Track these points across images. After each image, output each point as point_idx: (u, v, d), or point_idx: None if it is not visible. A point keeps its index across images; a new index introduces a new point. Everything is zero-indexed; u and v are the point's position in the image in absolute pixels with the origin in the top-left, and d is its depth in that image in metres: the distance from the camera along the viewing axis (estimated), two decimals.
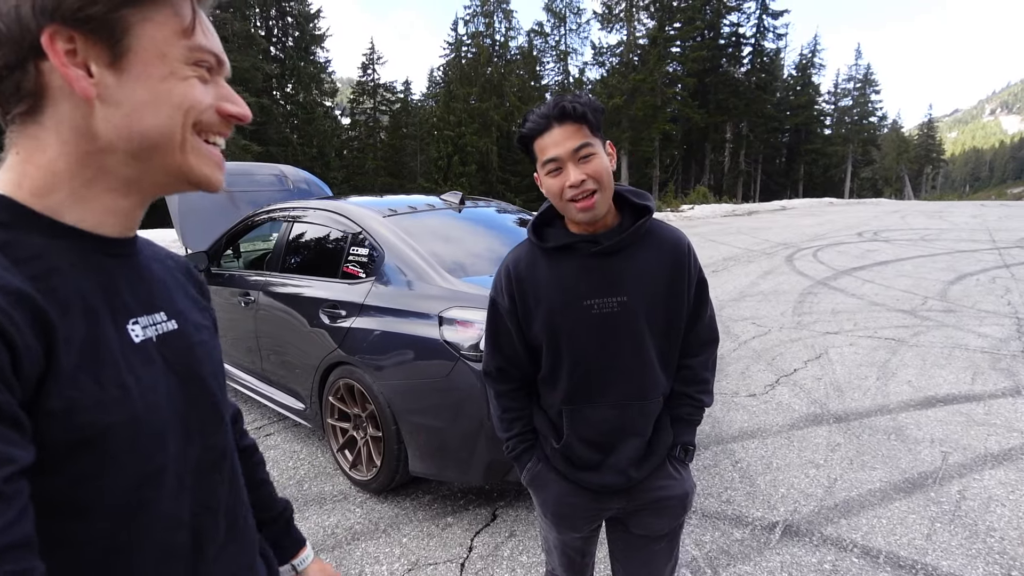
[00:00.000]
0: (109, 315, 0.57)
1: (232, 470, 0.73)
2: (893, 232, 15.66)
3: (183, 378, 0.65)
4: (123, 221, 0.62)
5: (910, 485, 2.81)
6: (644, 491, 1.32)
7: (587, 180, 1.15)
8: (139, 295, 0.63)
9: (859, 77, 56.64)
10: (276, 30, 35.63)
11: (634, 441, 1.28)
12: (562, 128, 1.15)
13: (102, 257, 0.60)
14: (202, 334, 0.72)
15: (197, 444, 0.65)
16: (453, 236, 3.11)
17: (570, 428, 1.28)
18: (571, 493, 1.33)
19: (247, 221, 3.91)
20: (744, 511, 2.62)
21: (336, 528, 2.52)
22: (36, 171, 0.56)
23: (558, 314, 1.23)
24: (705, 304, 1.33)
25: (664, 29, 39.64)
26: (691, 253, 1.29)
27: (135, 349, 0.59)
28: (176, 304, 0.69)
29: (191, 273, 0.81)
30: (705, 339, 1.35)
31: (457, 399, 2.37)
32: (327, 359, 2.85)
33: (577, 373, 1.26)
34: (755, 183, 48.95)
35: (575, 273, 1.23)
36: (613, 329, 1.23)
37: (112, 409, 0.53)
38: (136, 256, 0.66)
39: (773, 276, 8.81)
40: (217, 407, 0.70)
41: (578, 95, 1.19)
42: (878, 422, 3.53)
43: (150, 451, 0.57)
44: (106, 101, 0.55)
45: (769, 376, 4.38)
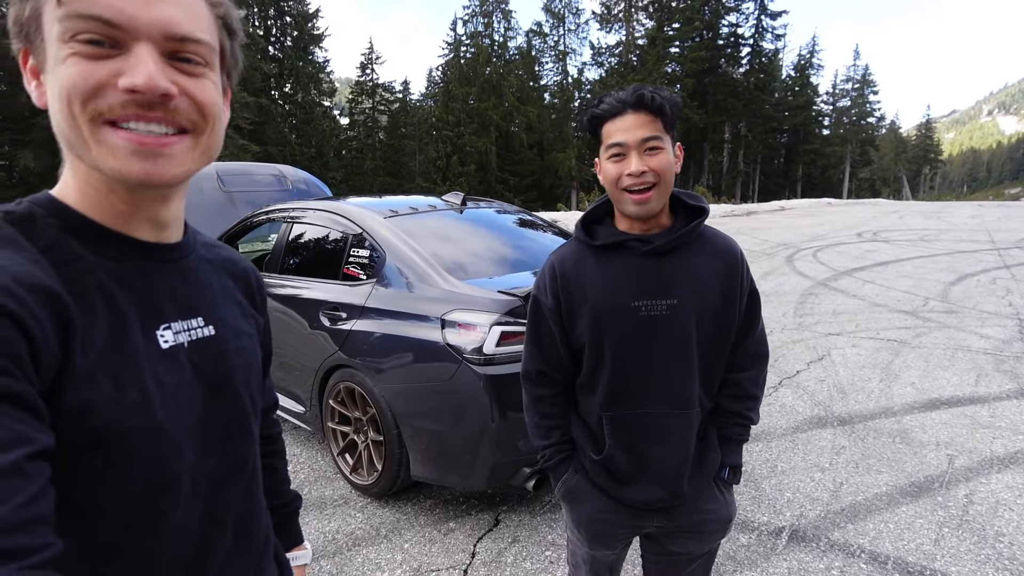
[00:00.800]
0: (138, 320, 0.58)
1: (250, 480, 0.72)
2: (892, 232, 15.66)
3: (211, 386, 0.64)
4: (144, 225, 0.61)
5: (917, 489, 2.78)
6: (687, 512, 1.26)
7: (648, 173, 1.11)
8: (178, 300, 0.63)
9: (857, 78, 56.77)
10: (275, 30, 35.59)
11: (677, 453, 1.22)
12: (636, 116, 1.12)
13: (143, 262, 0.60)
14: (241, 340, 0.71)
15: (216, 454, 0.65)
16: (455, 237, 3.07)
17: (611, 436, 1.22)
18: (609, 509, 1.27)
19: (246, 222, 3.87)
20: (750, 516, 2.59)
21: (337, 534, 2.49)
22: (68, 174, 0.59)
23: (604, 314, 1.18)
24: (757, 317, 1.28)
25: (663, 29, 39.70)
26: (744, 262, 1.24)
27: (162, 355, 0.59)
28: (217, 310, 0.68)
29: (246, 278, 0.79)
30: (755, 353, 1.29)
31: (460, 403, 2.34)
32: (327, 362, 2.81)
33: (619, 378, 1.20)
34: (754, 183, 49.01)
35: (624, 273, 1.18)
36: (660, 333, 1.17)
37: (130, 413, 0.53)
38: (183, 260, 0.66)
39: (773, 277, 8.79)
40: (244, 417, 0.69)
41: (659, 88, 1.14)
42: (883, 425, 3.50)
43: (166, 459, 0.57)
44: (48, 103, 0.54)
45: (772, 378, 4.35)
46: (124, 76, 0.51)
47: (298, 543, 0.96)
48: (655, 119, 1.12)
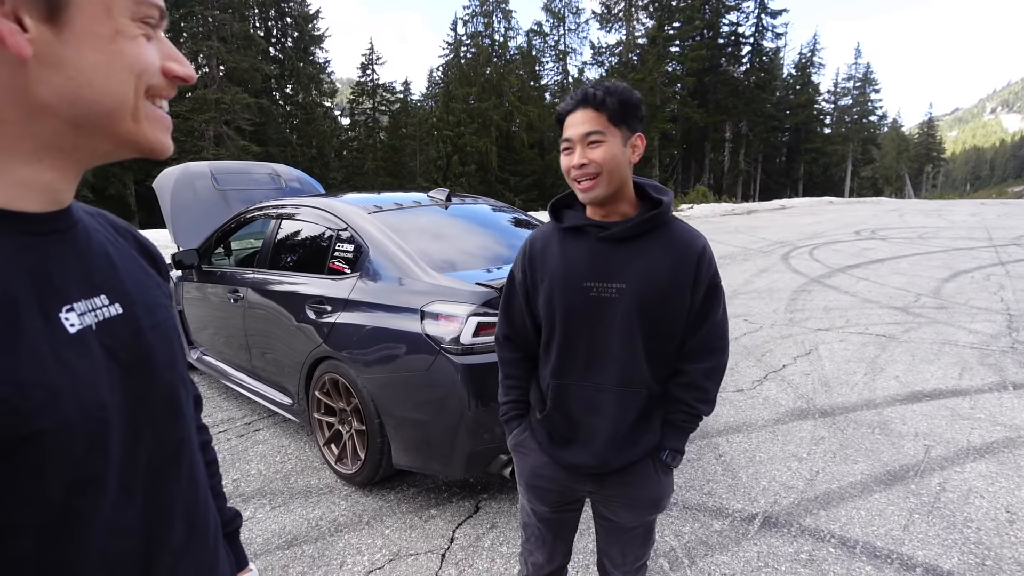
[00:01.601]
0: (35, 304, 0.50)
1: (190, 462, 0.66)
2: (891, 230, 15.66)
3: (129, 369, 0.58)
4: (47, 195, 0.54)
5: (891, 478, 2.83)
6: (618, 484, 1.35)
7: (590, 164, 1.21)
8: (75, 277, 0.55)
9: (859, 76, 56.61)
10: (275, 31, 35.73)
11: (608, 426, 1.30)
12: (583, 112, 1.21)
13: (25, 237, 0.52)
14: (156, 315, 0.64)
15: (148, 443, 0.59)
16: (439, 232, 3.13)
17: (553, 401, 1.34)
18: (546, 466, 1.38)
19: (237, 218, 3.94)
20: (725, 503, 2.64)
21: (320, 520, 2.55)
22: None
23: (558, 291, 1.30)
24: (713, 310, 1.31)
25: (663, 28, 39.70)
26: (705, 256, 1.29)
27: (70, 341, 0.52)
28: (122, 284, 0.61)
29: (142, 244, 0.72)
30: (710, 346, 1.32)
31: (437, 392, 2.39)
32: (313, 354, 2.87)
33: (566, 350, 1.31)
34: (755, 182, 48.95)
35: (582, 255, 1.29)
36: (606, 314, 1.26)
37: (33, 416, 0.47)
38: (72, 230, 0.57)
39: (768, 274, 8.83)
40: (172, 397, 0.64)
41: (614, 84, 1.23)
42: (863, 416, 3.55)
43: (85, 458, 0.51)
44: (43, 60, 0.48)
45: (758, 372, 4.40)
46: (178, 64, 0.56)
47: (243, 566, 0.87)
48: (599, 114, 1.21)
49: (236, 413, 3.81)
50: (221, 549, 0.74)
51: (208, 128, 27.31)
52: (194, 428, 0.71)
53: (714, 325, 1.32)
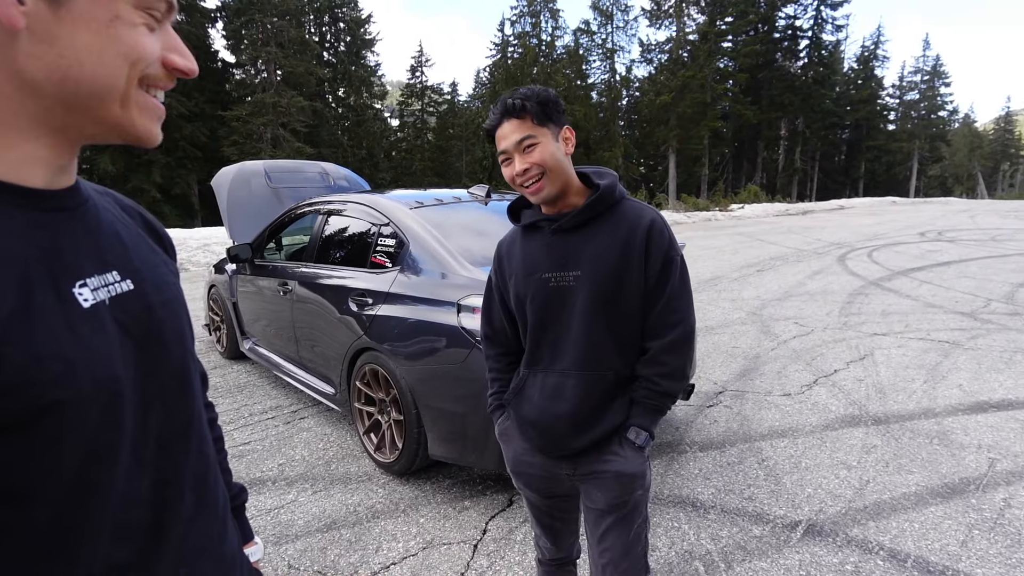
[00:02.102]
0: (49, 280, 0.51)
1: (200, 437, 0.68)
2: (960, 232, 14.73)
3: (141, 344, 0.59)
4: (49, 172, 0.55)
5: (949, 491, 2.67)
6: (589, 463, 1.37)
7: (531, 168, 1.26)
8: (86, 253, 0.56)
9: (927, 69, 53.45)
10: (329, 35, 36.90)
11: (566, 408, 1.32)
12: (509, 123, 1.27)
13: (35, 213, 0.53)
14: (164, 292, 0.65)
15: (159, 415, 0.61)
16: (478, 227, 3.16)
17: (521, 387, 1.41)
18: (527, 452, 1.43)
19: (288, 214, 4.10)
20: (766, 508, 2.56)
21: (358, 506, 2.62)
22: None
23: (521, 285, 1.36)
24: (667, 283, 1.31)
25: (715, 24, 38.62)
26: (653, 230, 1.29)
27: (84, 316, 0.53)
28: (132, 261, 0.62)
29: (149, 223, 0.74)
30: (667, 320, 1.32)
31: (473, 385, 2.42)
32: (354, 345, 2.96)
33: (535, 341, 1.37)
34: (811, 182, 46.97)
35: (539, 249, 1.35)
36: (567, 301, 1.31)
37: (51, 387, 0.48)
38: (82, 208, 0.58)
39: (822, 276, 8.46)
40: (182, 372, 0.65)
41: (529, 89, 1.27)
42: (921, 425, 3.36)
43: (99, 429, 0.52)
44: (38, 36, 0.48)
45: (807, 376, 4.23)
46: (178, 55, 0.57)
47: (248, 539, 0.89)
48: (524, 119, 1.26)
49: (284, 401, 3.96)
50: (229, 521, 0.75)
51: (266, 130, 28.47)
52: (202, 404, 0.73)
53: (670, 299, 1.31)
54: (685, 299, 1.34)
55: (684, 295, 1.34)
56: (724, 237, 14.58)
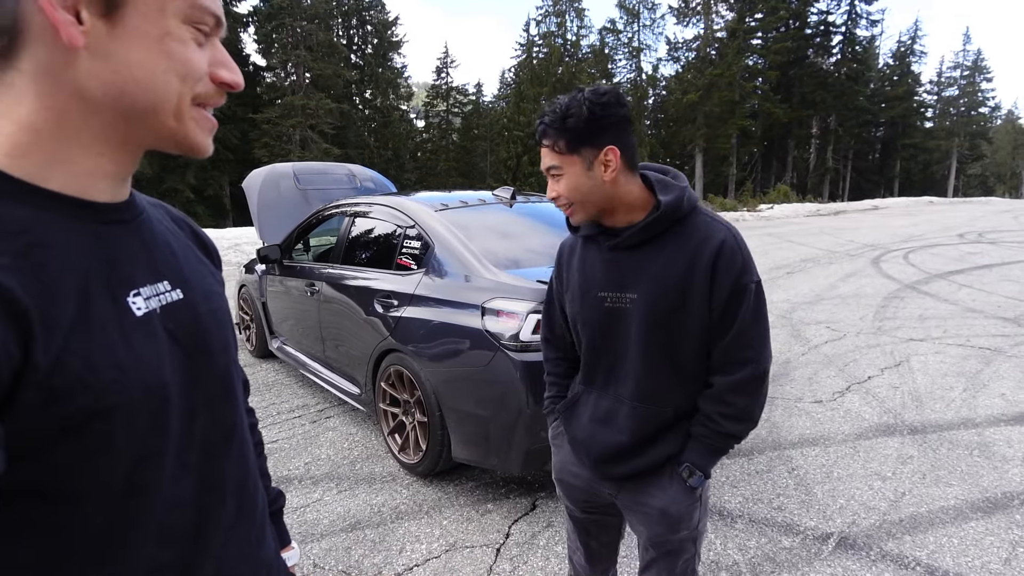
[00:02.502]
0: (106, 289, 0.54)
1: (241, 443, 0.70)
2: (1002, 233, 14.18)
3: (189, 352, 0.61)
4: (112, 185, 0.58)
5: (991, 505, 2.56)
6: (632, 492, 1.30)
7: (559, 197, 1.20)
8: (140, 264, 0.59)
9: (967, 64, 51.60)
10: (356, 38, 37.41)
11: (619, 438, 1.25)
12: (543, 149, 1.20)
13: (97, 225, 0.55)
14: (211, 302, 0.67)
15: (203, 421, 0.62)
16: (503, 230, 3.16)
17: (574, 404, 1.37)
18: (573, 463, 1.38)
19: (316, 216, 4.16)
20: (796, 519, 2.49)
21: (382, 507, 2.64)
22: (13, 127, 0.51)
23: (577, 300, 1.29)
24: (737, 315, 1.16)
25: (744, 20, 37.90)
26: (723, 254, 1.14)
27: (137, 324, 0.55)
28: (182, 271, 0.65)
29: (198, 234, 0.77)
30: (736, 358, 1.18)
31: (496, 388, 2.42)
32: (380, 346, 2.98)
33: (590, 360, 1.31)
34: (844, 181, 45.78)
35: (595, 264, 1.26)
36: (622, 325, 1.22)
37: (105, 393, 0.50)
38: (136, 220, 0.61)
39: (855, 279, 8.23)
40: (227, 380, 0.67)
41: (565, 105, 1.14)
42: (960, 436, 3.23)
43: (147, 433, 0.54)
44: (95, 53, 0.50)
45: (839, 382, 4.11)
46: (226, 70, 0.58)
47: (286, 544, 0.90)
48: (552, 145, 1.17)
49: (310, 400, 4.02)
50: (267, 527, 0.76)
51: (295, 132, 29.01)
52: (244, 413, 0.74)
53: (740, 333, 1.16)
54: (758, 334, 1.19)
55: (757, 329, 1.18)
56: (753, 238, 14.30)
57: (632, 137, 1.20)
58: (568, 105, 1.14)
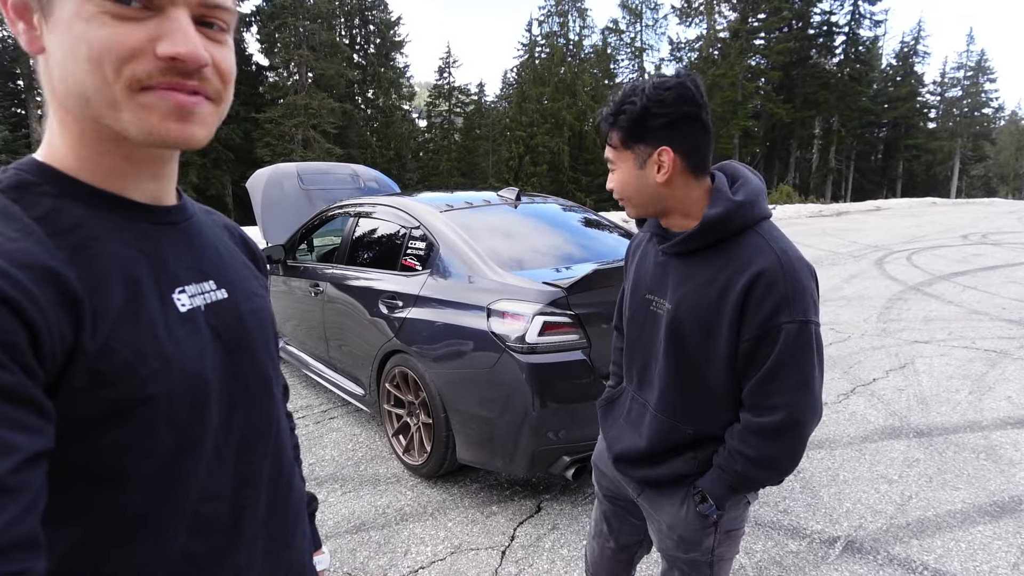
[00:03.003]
0: (154, 284, 0.56)
1: (277, 441, 0.71)
2: (1006, 235, 14.13)
3: (231, 348, 0.63)
4: (147, 186, 0.58)
5: (998, 509, 2.55)
6: (649, 497, 1.29)
7: (614, 191, 1.17)
8: (187, 263, 0.61)
9: (971, 64, 51.47)
10: (359, 38, 37.42)
11: (636, 443, 1.25)
12: (607, 144, 1.15)
13: (147, 225, 0.58)
14: (254, 302, 0.69)
15: (242, 416, 0.64)
16: (508, 231, 3.15)
17: (611, 399, 1.38)
18: (605, 451, 1.41)
19: (320, 216, 4.16)
20: (802, 523, 2.48)
21: (387, 508, 2.64)
22: (56, 135, 0.55)
23: (628, 296, 1.30)
24: (768, 354, 1.02)
25: (747, 21, 37.91)
26: (757, 287, 1.01)
27: (181, 319, 0.57)
28: (227, 272, 0.67)
29: (245, 241, 0.79)
30: (765, 401, 1.05)
31: (502, 390, 2.41)
32: (384, 347, 2.98)
33: (629, 357, 1.32)
34: (846, 182, 45.72)
35: (649, 264, 1.24)
36: (657, 330, 1.19)
37: (149, 381, 0.52)
38: (186, 223, 0.64)
39: (859, 280, 8.21)
40: (266, 378, 0.69)
41: (632, 94, 1.05)
42: (966, 439, 3.22)
43: (187, 423, 0.56)
44: (49, 53, 0.50)
45: (844, 385, 4.10)
46: (163, 42, 0.49)
47: (317, 547, 0.91)
48: (610, 140, 1.13)
49: (314, 401, 4.02)
50: (302, 527, 0.77)
51: (297, 132, 29.04)
52: (283, 412, 0.76)
53: (772, 375, 1.02)
54: (797, 382, 1.03)
55: (796, 377, 1.02)
56: None
57: (701, 137, 1.08)
58: (625, 97, 1.06)
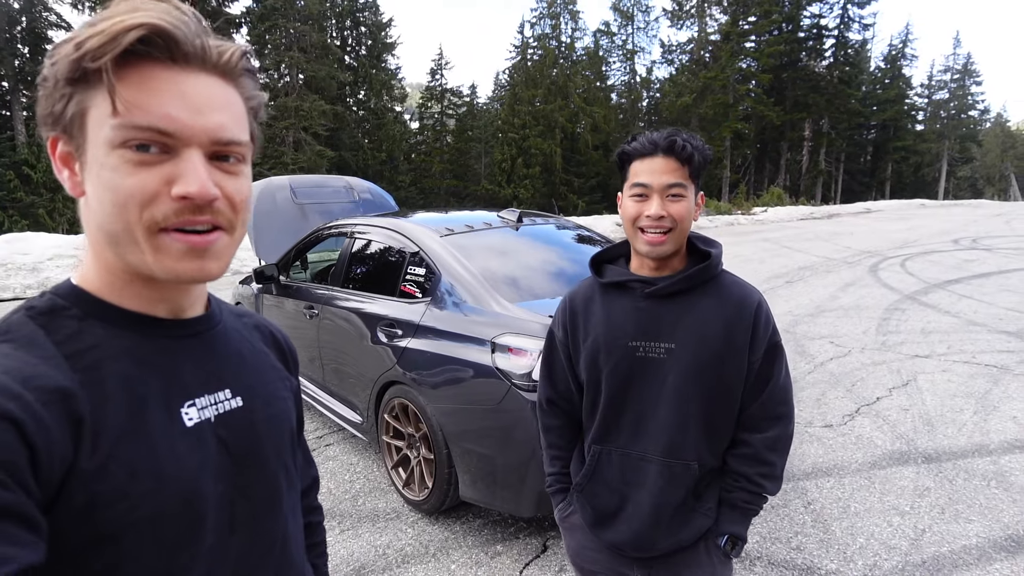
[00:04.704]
0: (162, 400, 0.58)
1: (284, 558, 0.69)
2: (996, 239, 14.25)
3: (238, 459, 0.63)
4: (170, 305, 0.62)
5: (1014, 544, 2.50)
6: (668, 569, 1.23)
7: (667, 218, 1.13)
8: (204, 374, 0.63)
9: (957, 67, 52.10)
10: (350, 39, 37.14)
11: (651, 500, 1.19)
12: (665, 160, 1.14)
13: (167, 340, 0.60)
14: (273, 407, 0.70)
15: (242, 536, 0.63)
16: (510, 256, 3.07)
17: (596, 470, 1.26)
18: (593, 547, 1.29)
19: (315, 234, 4.05)
20: (816, 561, 2.41)
21: (387, 549, 2.54)
22: (91, 261, 0.60)
23: (602, 350, 1.21)
24: (775, 372, 1.20)
25: (738, 24, 38.06)
26: (761, 312, 1.19)
27: (185, 433, 0.58)
28: (247, 378, 0.68)
29: (277, 341, 0.80)
30: (773, 413, 1.20)
31: (508, 427, 2.33)
32: (384, 376, 2.88)
33: (611, 414, 1.22)
34: (836, 184, 46.04)
35: (626, 312, 1.21)
36: (654, 376, 1.18)
37: (141, 503, 0.53)
38: (210, 332, 0.65)
39: (855, 288, 8.21)
40: (275, 491, 0.68)
41: (694, 137, 1.16)
42: (975, 465, 3.17)
43: (179, 546, 0.56)
44: (87, 196, 0.56)
45: (848, 405, 4.05)
46: (178, 184, 0.53)
47: None
48: (682, 167, 1.14)
49: (308, 426, 3.90)
50: None
51: (288, 134, 28.76)
52: (294, 523, 0.72)
53: (777, 389, 1.19)
54: (789, 390, 1.23)
55: (788, 386, 1.22)
56: (749, 244, 14.30)
57: None
58: (696, 138, 1.16)
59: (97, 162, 0.53)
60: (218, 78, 0.57)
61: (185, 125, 0.53)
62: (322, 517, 0.91)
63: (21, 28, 22.67)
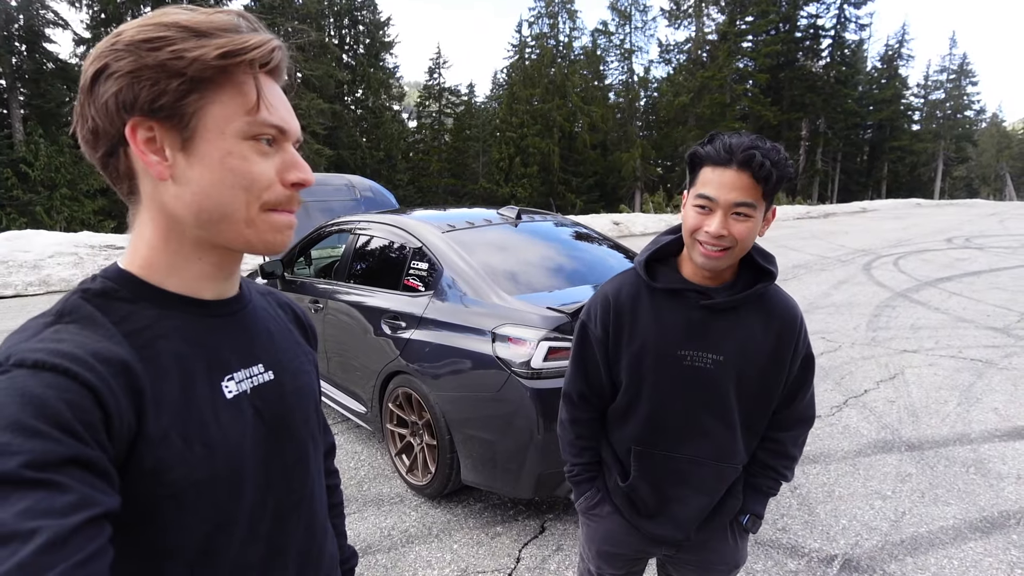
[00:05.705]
0: (206, 375, 0.64)
1: (311, 512, 0.77)
2: (989, 238, 14.41)
3: (272, 427, 0.70)
4: (216, 284, 0.68)
5: (989, 525, 2.63)
6: (695, 548, 1.33)
7: (727, 237, 1.08)
8: (240, 349, 0.69)
9: (953, 68, 52.34)
10: (348, 38, 37.15)
11: (702, 500, 1.27)
12: (738, 175, 1.05)
13: (208, 319, 0.67)
14: (299, 380, 0.77)
15: (277, 491, 0.70)
16: (509, 251, 3.18)
17: (637, 469, 1.27)
18: (623, 532, 1.33)
19: (319, 231, 4.16)
20: (801, 541, 2.54)
21: (392, 530, 2.66)
22: (143, 246, 0.65)
23: (649, 356, 1.20)
24: (808, 381, 1.29)
25: (735, 23, 38.22)
26: (802, 327, 1.25)
27: (227, 405, 0.65)
28: (277, 353, 0.74)
29: (299, 318, 0.88)
30: (803, 416, 1.31)
31: (508, 413, 2.44)
32: (387, 367, 2.99)
33: (655, 419, 1.24)
34: (833, 183, 46.27)
35: (677, 320, 1.19)
36: (702, 385, 1.20)
37: (195, 468, 0.59)
38: (242, 312, 0.72)
39: (848, 286, 8.35)
40: (303, 452, 0.75)
41: (776, 150, 1.07)
42: (956, 452, 3.30)
43: (226, 502, 0.63)
44: (178, 180, 0.61)
45: (836, 397, 4.18)
46: (295, 172, 0.65)
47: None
48: (757, 185, 1.06)
49: None
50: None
51: None
52: (319, 482, 0.81)
53: (808, 396, 1.30)
54: (814, 395, 1.33)
55: (813, 392, 1.32)
56: None
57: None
58: (779, 153, 1.07)
59: (221, 150, 0.61)
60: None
61: (292, 126, 0.66)
62: (339, 480, 0.99)
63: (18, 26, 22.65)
